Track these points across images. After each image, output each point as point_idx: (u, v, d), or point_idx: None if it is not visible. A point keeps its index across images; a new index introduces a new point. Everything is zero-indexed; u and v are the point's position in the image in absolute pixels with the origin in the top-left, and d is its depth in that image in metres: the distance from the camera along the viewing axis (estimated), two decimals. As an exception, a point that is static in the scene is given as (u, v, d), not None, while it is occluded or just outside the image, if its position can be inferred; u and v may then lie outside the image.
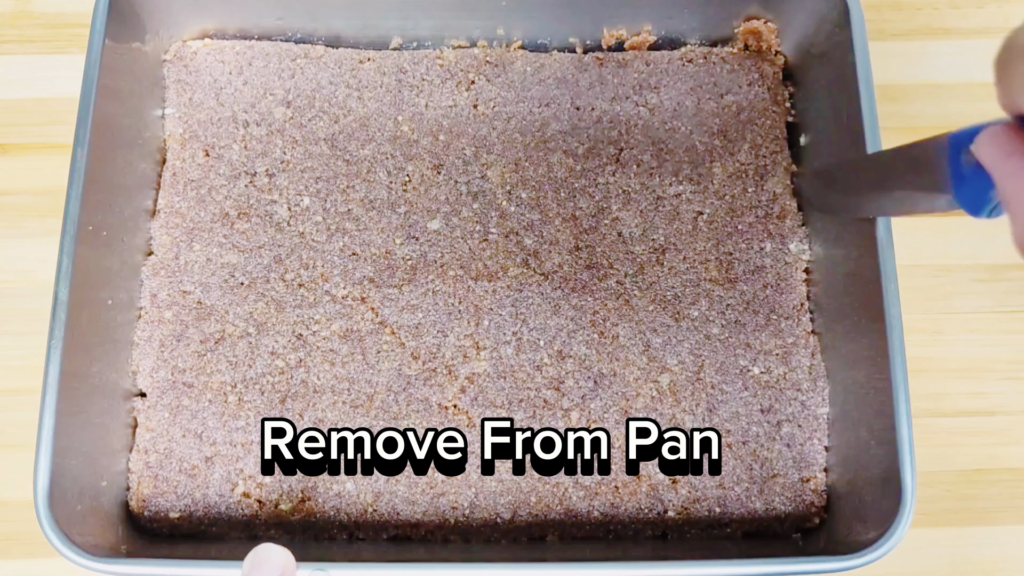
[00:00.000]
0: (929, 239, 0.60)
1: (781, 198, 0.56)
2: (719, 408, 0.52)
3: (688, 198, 0.56)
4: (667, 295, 0.54)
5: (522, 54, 0.59)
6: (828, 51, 0.55)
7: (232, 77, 0.58)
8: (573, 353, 0.53)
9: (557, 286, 0.54)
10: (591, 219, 0.56)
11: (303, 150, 0.57)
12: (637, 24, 0.59)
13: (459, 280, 0.54)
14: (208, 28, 0.59)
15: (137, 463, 0.51)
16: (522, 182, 0.56)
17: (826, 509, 0.51)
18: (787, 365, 0.53)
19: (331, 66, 0.58)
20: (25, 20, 0.64)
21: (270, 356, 0.53)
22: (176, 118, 0.57)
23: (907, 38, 0.65)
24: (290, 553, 0.39)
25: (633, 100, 0.58)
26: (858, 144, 0.50)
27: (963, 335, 0.58)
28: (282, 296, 0.54)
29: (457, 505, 0.51)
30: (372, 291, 0.54)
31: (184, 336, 0.53)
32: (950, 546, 0.55)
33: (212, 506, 0.50)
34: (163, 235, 0.55)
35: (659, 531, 0.51)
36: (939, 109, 0.63)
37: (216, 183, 0.56)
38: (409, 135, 0.57)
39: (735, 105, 0.58)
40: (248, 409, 0.52)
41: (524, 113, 0.58)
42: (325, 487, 0.51)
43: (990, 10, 0.65)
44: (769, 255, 0.55)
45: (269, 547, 0.39)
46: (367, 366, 0.52)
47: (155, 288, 0.54)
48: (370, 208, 0.56)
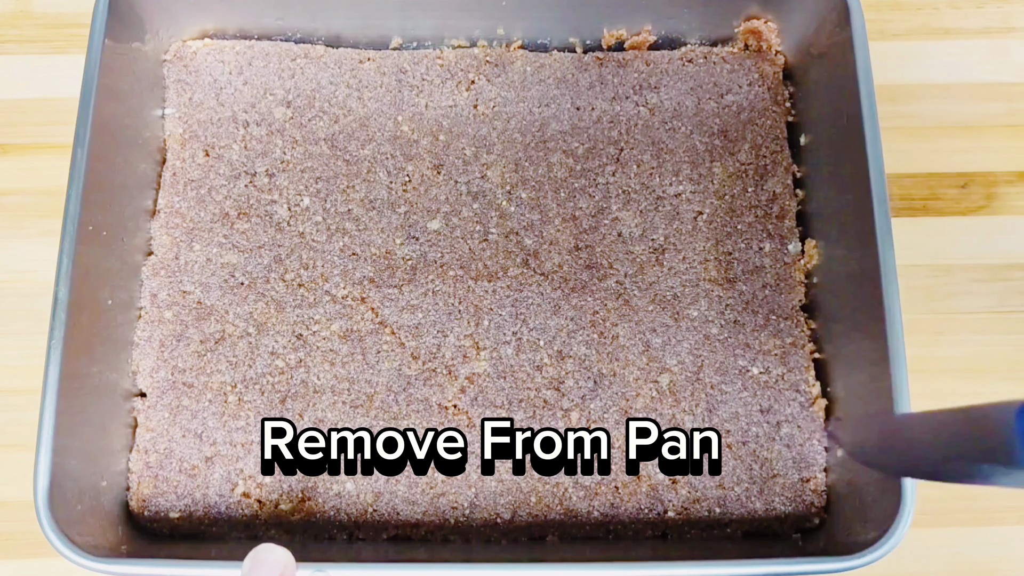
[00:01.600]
0: (929, 239, 0.60)
1: (781, 198, 0.56)
2: (719, 408, 0.52)
3: (688, 198, 0.56)
4: (667, 295, 0.54)
5: (522, 54, 0.59)
6: (828, 51, 0.55)
7: (232, 77, 0.58)
8: (573, 353, 0.53)
9: (557, 286, 0.54)
10: (591, 219, 0.56)
11: (303, 150, 0.57)
12: (637, 24, 0.59)
13: (459, 280, 0.54)
14: (208, 28, 0.59)
15: (137, 463, 0.51)
16: (522, 182, 0.56)
17: (826, 509, 0.51)
18: (786, 365, 0.53)
19: (331, 66, 0.58)
20: (25, 20, 0.64)
21: (270, 356, 0.53)
22: (176, 118, 0.57)
23: (907, 38, 0.65)
24: (290, 553, 0.39)
25: (633, 100, 0.58)
26: (858, 144, 0.50)
27: (963, 335, 0.58)
28: (282, 296, 0.54)
29: (457, 505, 0.51)
30: (372, 291, 0.54)
31: (184, 336, 0.53)
32: (950, 546, 0.55)
33: (212, 506, 0.50)
34: (163, 235, 0.55)
35: (659, 531, 0.51)
36: (939, 109, 0.63)
37: (216, 183, 0.56)
38: (409, 135, 0.57)
39: (735, 105, 0.58)
40: (248, 409, 0.52)
41: (524, 113, 0.58)
42: (325, 487, 0.51)
43: (990, 10, 0.65)
44: (768, 255, 0.55)
45: (269, 547, 0.39)
46: (367, 366, 0.52)
47: (155, 288, 0.54)
48: (370, 208, 0.56)
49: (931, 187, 0.61)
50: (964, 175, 0.62)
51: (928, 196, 0.61)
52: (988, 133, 0.62)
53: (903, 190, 0.61)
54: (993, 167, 0.62)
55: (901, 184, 0.61)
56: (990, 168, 0.62)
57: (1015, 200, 0.61)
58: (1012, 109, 0.63)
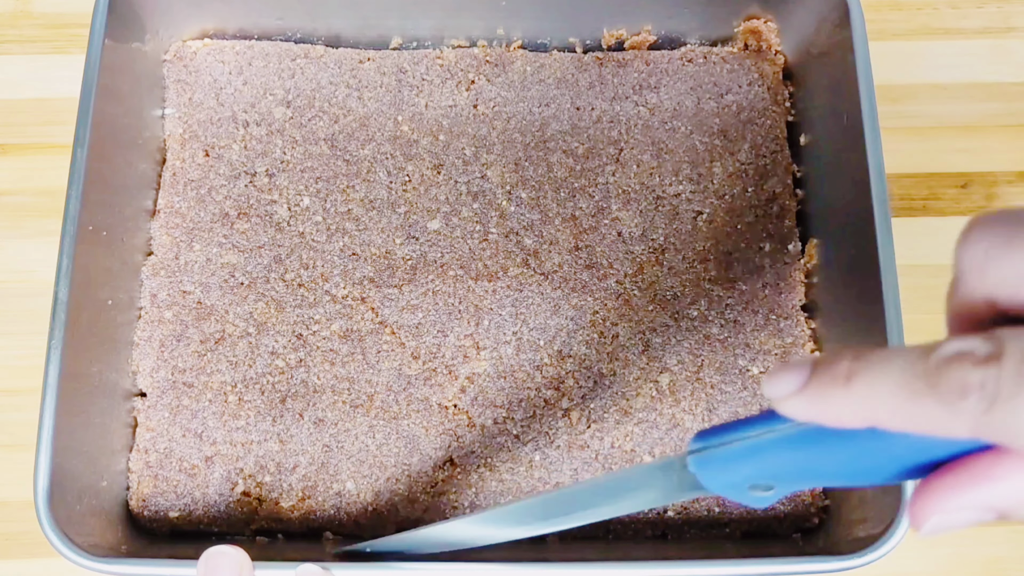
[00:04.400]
0: (929, 239, 0.60)
1: (781, 198, 0.56)
2: (719, 408, 0.52)
3: (688, 198, 0.56)
4: (667, 295, 0.54)
5: (522, 54, 0.59)
6: (828, 51, 0.55)
7: (232, 77, 0.58)
8: (573, 353, 0.53)
9: (557, 286, 0.54)
10: (591, 219, 0.56)
11: (303, 150, 0.57)
12: (637, 24, 0.59)
13: (459, 280, 0.54)
14: (208, 28, 0.59)
15: (137, 463, 0.51)
16: (522, 182, 0.56)
17: (826, 509, 0.51)
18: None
19: (331, 66, 0.58)
20: (25, 20, 0.64)
21: (270, 356, 0.53)
22: (176, 118, 0.57)
23: (907, 38, 0.65)
24: (244, 552, 0.38)
25: (633, 100, 0.58)
26: (858, 144, 0.50)
27: (963, 335, 0.58)
28: (282, 296, 0.54)
29: (457, 505, 0.51)
30: (372, 291, 0.54)
31: (184, 336, 0.53)
32: (950, 546, 0.55)
33: (212, 505, 0.50)
34: (163, 235, 0.55)
35: (659, 531, 0.51)
36: (939, 109, 0.63)
37: (216, 183, 0.56)
38: (409, 135, 0.57)
39: (735, 105, 0.58)
40: (248, 409, 0.52)
41: (524, 113, 0.58)
42: (325, 486, 0.51)
43: (990, 10, 0.65)
44: (768, 255, 0.55)
45: (221, 550, 0.37)
46: (367, 366, 0.52)
47: (155, 288, 0.54)
48: (370, 208, 0.56)
49: (931, 187, 0.61)
50: (964, 175, 0.62)
51: (928, 196, 0.61)
52: (988, 133, 0.62)
53: (903, 190, 0.61)
54: (993, 167, 0.62)
55: (901, 184, 0.61)
56: (990, 168, 0.62)
57: (1015, 200, 0.61)
58: (1012, 109, 0.63)
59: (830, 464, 0.27)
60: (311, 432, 0.51)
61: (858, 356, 0.25)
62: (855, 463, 0.27)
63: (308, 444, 0.51)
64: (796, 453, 0.28)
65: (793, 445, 0.28)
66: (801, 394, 0.26)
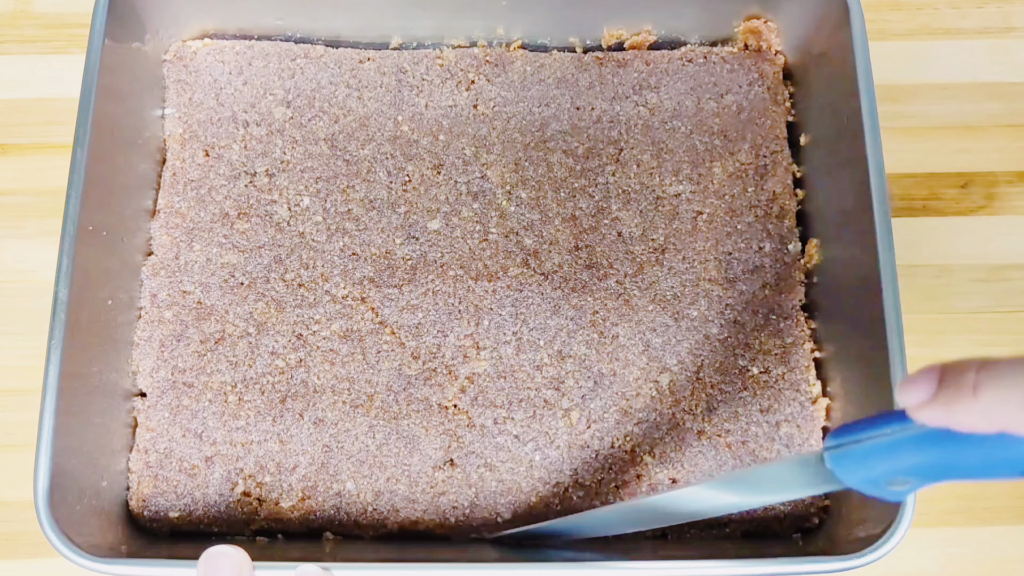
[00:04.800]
0: (929, 239, 0.60)
1: (781, 198, 0.56)
2: (719, 408, 0.52)
3: (688, 198, 0.56)
4: (667, 295, 0.54)
5: (522, 54, 0.59)
6: (828, 51, 0.55)
7: (232, 77, 0.58)
8: (573, 353, 0.53)
9: (557, 286, 0.54)
10: (591, 219, 0.56)
11: (303, 150, 0.57)
12: (637, 24, 0.59)
13: (459, 280, 0.54)
14: (208, 28, 0.59)
15: (137, 463, 0.51)
16: (522, 182, 0.56)
17: (826, 509, 0.51)
18: (786, 365, 0.53)
19: (331, 66, 0.58)
20: (25, 20, 0.64)
21: (270, 356, 0.53)
22: (176, 118, 0.57)
23: (907, 38, 0.65)
24: (244, 552, 0.38)
25: (633, 100, 0.58)
26: (858, 144, 0.50)
27: (963, 335, 0.58)
28: (282, 296, 0.54)
29: (457, 505, 0.51)
30: (372, 291, 0.54)
31: (184, 336, 0.53)
32: (950, 546, 0.55)
33: (212, 505, 0.50)
34: (163, 235, 0.55)
35: (659, 531, 0.51)
36: (939, 109, 0.63)
37: (216, 183, 0.56)
38: (409, 135, 0.57)
39: (735, 105, 0.58)
40: (248, 409, 0.52)
41: (524, 113, 0.58)
42: (325, 486, 0.51)
43: (990, 10, 0.65)
44: (768, 255, 0.55)
45: (222, 550, 0.37)
46: (367, 366, 0.52)
47: (155, 288, 0.54)
48: (370, 208, 0.56)
49: (931, 187, 0.61)
50: (964, 175, 0.62)
51: (928, 196, 0.61)
52: (988, 133, 0.62)
53: (903, 190, 0.61)
54: (993, 167, 0.62)
55: (901, 184, 0.61)
56: (990, 168, 0.62)
57: (1015, 200, 0.61)
58: (1012, 109, 0.63)
59: (963, 461, 0.29)
60: (311, 432, 0.51)
61: (983, 366, 0.26)
62: (988, 460, 0.29)
63: (308, 444, 0.51)
64: (930, 451, 0.30)
65: (927, 444, 0.30)
66: (932, 403, 0.28)
